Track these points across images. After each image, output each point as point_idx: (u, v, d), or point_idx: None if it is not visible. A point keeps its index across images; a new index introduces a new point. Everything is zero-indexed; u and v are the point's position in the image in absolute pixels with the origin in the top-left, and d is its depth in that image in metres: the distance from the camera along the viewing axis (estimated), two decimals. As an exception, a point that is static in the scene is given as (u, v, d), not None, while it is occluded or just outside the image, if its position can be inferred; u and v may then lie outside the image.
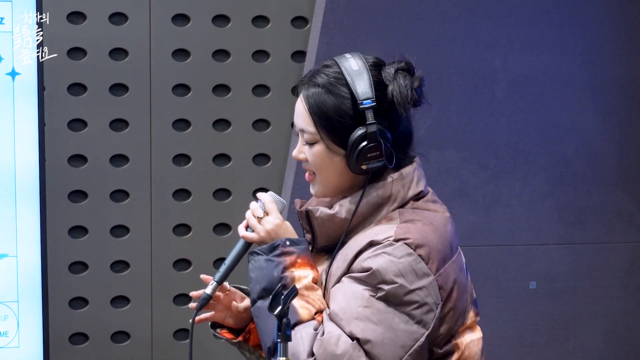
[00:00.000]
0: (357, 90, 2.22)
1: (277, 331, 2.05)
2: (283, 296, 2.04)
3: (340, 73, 2.24)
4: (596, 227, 4.31)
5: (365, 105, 2.21)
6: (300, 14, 4.01)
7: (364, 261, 2.17)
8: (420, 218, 2.24)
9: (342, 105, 2.23)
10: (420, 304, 2.15)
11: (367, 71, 2.23)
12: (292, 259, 2.23)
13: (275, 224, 2.27)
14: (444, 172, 4.10)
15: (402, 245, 2.17)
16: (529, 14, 4.14)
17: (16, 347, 3.35)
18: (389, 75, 2.24)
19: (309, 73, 2.30)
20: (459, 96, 4.09)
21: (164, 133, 3.92)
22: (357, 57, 2.27)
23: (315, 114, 2.24)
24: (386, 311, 2.15)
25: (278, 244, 2.24)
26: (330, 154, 2.24)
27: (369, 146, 2.21)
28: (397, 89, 2.22)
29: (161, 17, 3.89)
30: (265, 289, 2.22)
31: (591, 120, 4.26)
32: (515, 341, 4.26)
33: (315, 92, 2.24)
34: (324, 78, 2.25)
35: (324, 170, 2.26)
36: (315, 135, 2.24)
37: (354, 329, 2.14)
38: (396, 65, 2.26)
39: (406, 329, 2.15)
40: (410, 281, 2.15)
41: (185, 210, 3.96)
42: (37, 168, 3.32)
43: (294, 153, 2.30)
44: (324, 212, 2.25)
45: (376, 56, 2.30)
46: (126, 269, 3.94)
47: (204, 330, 4.09)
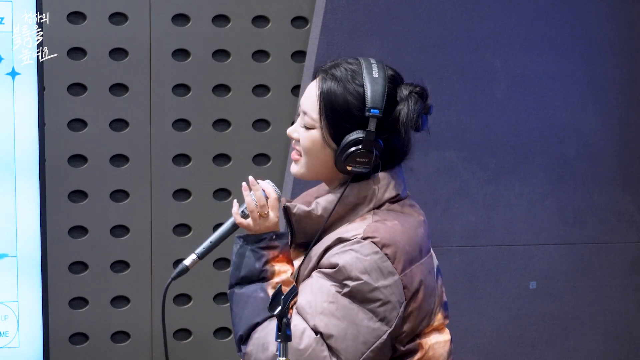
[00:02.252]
0: (369, 95, 2.27)
1: (277, 331, 2.06)
2: (283, 296, 2.05)
3: (359, 73, 2.30)
4: (596, 227, 4.31)
5: (372, 113, 2.27)
6: (300, 14, 4.01)
7: (332, 257, 2.23)
8: (392, 219, 2.30)
9: (350, 104, 2.29)
10: (383, 302, 2.21)
11: (384, 82, 2.30)
12: (274, 253, 2.30)
13: (274, 222, 2.34)
14: (444, 172, 4.10)
15: (369, 244, 2.23)
16: (529, 14, 4.14)
17: (16, 347, 3.35)
18: (403, 95, 2.31)
19: (332, 61, 2.36)
20: (459, 96, 4.09)
21: (164, 133, 3.92)
22: (380, 64, 2.33)
23: (324, 102, 2.30)
24: (350, 307, 2.20)
25: (265, 237, 2.31)
26: (323, 144, 2.30)
27: (361, 151, 2.27)
28: (406, 110, 2.29)
29: (161, 17, 3.89)
30: (244, 277, 2.30)
31: (591, 120, 4.26)
32: (515, 341, 4.26)
33: (331, 82, 2.30)
34: (343, 72, 2.31)
35: (312, 156, 2.32)
36: (316, 122, 2.30)
37: (318, 323, 2.20)
38: (412, 87, 2.34)
39: (369, 325, 2.20)
40: (375, 279, 2.20)
41: (185, 210, 3.96)
42: (37, 168, 3.32)
43: (288, 130, 2.37)
44: (301, 208, 2.31)
45: (397, 71, 2.37)
46: (126, 269, 3.94)
47: (204, 330, 4.10)
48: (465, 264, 4.17)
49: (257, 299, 2.28)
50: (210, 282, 4.00)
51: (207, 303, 3.99)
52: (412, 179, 4.04)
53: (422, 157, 4.07)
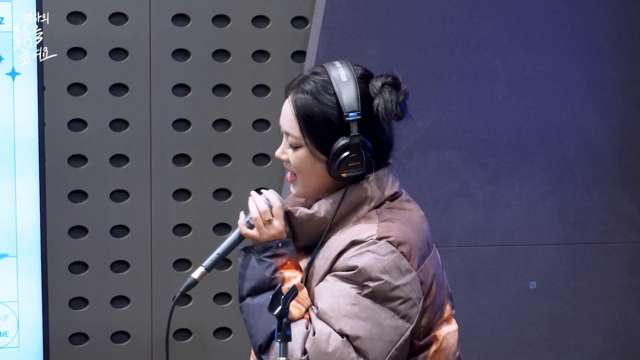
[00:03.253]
0: (344, 101, 2.27)
1: (277, 331, 2.07)
2: (283, 296, 2.05)
3: (329, 82, 2.30)
4: (596, 227, 4.31)
5: (351, 117, 2.27)
6: (300, 14, 4.01)
7: (348, 260, 2.24)
8: (398, 217, 2.31)
9: (328, 115, 2.29)
10: (404, 299, 2.23)
11: (354, 83, 2.29)
12: (282, 261, 2.30)
13: (279, 230, 2.32)
14: (444, 172, 4.10)
15: (385, 243, 2.24)
16: (529, 14, 4.14)
17: (16, 347, 3.35)
18: (376, 89, 2.30)
19: (298, 77, 2.37)
20: (459, 96, 4.10)
21: (164, 133, 3.92)
22: (346, 66, 2.32)
23: (302, 119, 2.30)
24: (373, 307, 2.21)
25: (271, 245, 2.30)
26: (313, 159, 2.31)
27: (351, 156, 2.27)
28: (383, 103, 2.29)
29: (161, 17, 3.89)
30: (255, 287, 2.29)
31: (591, 120, 4.26)
32: (515, 341, 4.26)
33: (304, 98, 2.30)
34: (313, 85, 2.31)
35: (305, 173, 2.33)
36: (300, 140, 2.31)
37: (343, 326, 2.20)
38: (383, 79, 2.33)
39: (392, 324, 2.22)
40: (395, 277, 2.22)
41: (185, 210, 3.96)
42: (37, 168, 3.32)
43: (276, 153, 2.37)
44: (304, 212, 2.32)
45: (365, 67, 2.36)
46: (126, 269, 3.94)
47: (204, 330, 4.10)
48: (465, 264, 4.17)
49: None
50: (210, 282, 3.99)
51: (207, 303, 4.00)
52: (412, 179, 4.06)
53: (422, 157, 4.07)
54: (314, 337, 2.20)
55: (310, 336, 2.21)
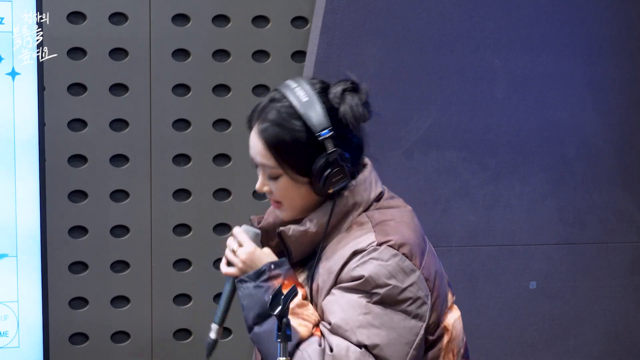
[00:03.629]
0: (313, 122, 2.25)
1: (277, 331, 2.06)
2: (283, 296, 2.05)
3: (290, 106, 2.27)
4: (596, 227, 4.31)
5: (324, 135, 2.25)
6: (300, 14, 4.01)
7: (353, 270, 2.24)
8: (389, 217, 2.31)
9: (300, 139, 2.26)
10: (414, 300, 2.24)
11: (317, 99, 2.27)
12: (279, 282, 2.28)
13: (248, 252, 2.32)
14: (444, 172, 4.10)
15: (386, 248, 2.24)
16: (529, 14, 4.14)
17: (16, 347, 3.34)
18: (337, 98, 2.28)
19: (257, 107, 2.32)
20: (459, 96, 4.09)
21: (164, 133, 3.92)
22: (303, 84, 2.30)
23: (275, 150, 2.28)
24: (385, 313, 2.22)
25: (264, 269, 2.29)
26: (295, 184, 2.30)
27: (333, 172, 2.26)
28: (349, 110, 2.27)
29: (161, 17, 3.89)
30: (259, 315, 2.27)
31: (591, 120, 4.26)
32: (515, 341, 4.26)
33: (270, 129, 2.28)
34: (276, 114, 2.28)
35: (292, 199, 2.32)
36: (278, 170, 2.29)
37: (359, 337, 2.20)
38: (342, 85, 2.31)
39: (406, 325, 2.22)
40: (401, 280, 2.23)
41: (185, 210, 3.96)
42: (37, 168, 3.32)
43: (257, 187, 2.35)
44: (296, 229, 2.30)
45: (320, 79, 2.34)
46: (126, 269, 3.94)
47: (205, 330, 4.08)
48: (465, 264, 4.17)
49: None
50: (210, 282, 4.00)
51: (207, 303, 3.99)
52: (412, 179, 4.06)
53: (422, 157, 4.07)
54: (332, 354, 2.19)
55: (327, 352, 2.20)
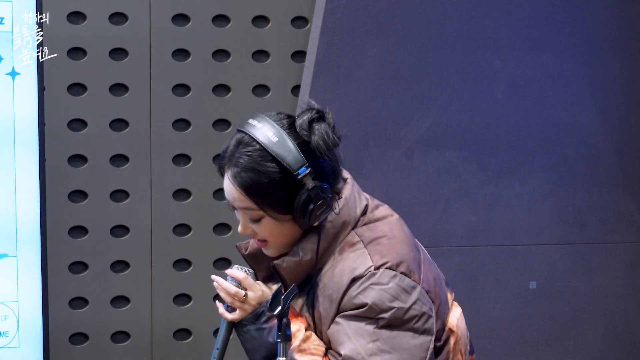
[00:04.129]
0: (289, 163, 2.22)
1: (277, 331, 2.06)
2: (283, 296, 2.05)
3: (261, 149, 2.24)
4: (596, 227, 4.31)
5: (302, 173, 2.22)
6: (300, 14, 4.01)
7: (354, 298, 2.22)
8: (380, 234, 2.28)
9: (276, 179, 2.23)
10: (419, 316, 2.22)
11: (287, 137, 2.23)
12: None
13: (259, 296, 2.30)
14: (444, 172, 4.10)
15: (384, 271, 2.23)
16: (529, 14, 4.14)
17: (16, 347, 3.34)
18: (305, 130, 2.24)
19: (225, 153, 2.30)
20: (459, 96, 4.09)
21: (164, 133, 3.92)
22: (268, 123, 2.26)
23: (253, 195, 2.25)
24: (393, 335, 2.20)
25: (262, 310, 2.28)
26: (278, 222, 2.27)
27: (317, 205, 2.23)
28: (321, 141, 2.23)
29: (161, 17, 3.88)
30: (266, 357, 2.26)
31: (591, 120, 4.26)
32: (515, 341, 4.26)
33: (244, 174, 2.25)
34: (248, 159, 2.25)
35: (277, 237, 2.29)
36: (259, 212, 2.26)
37: None
38: (307, 116, 2.26)
39: (416, 343, 2.21)
40: (404, 300, 2.21)
41: (185, 210, 3.96)
42: (37, 168, 3.32)
43: (240, 230, 2.32)
44: (290, 260, 2.27)
45: (283, 113, 2.30)
46: (126, 269, 3.93)
47: (205, 329, 4.09)
48: (465, 264, 4.17)
49: None
50: (210, 282, 3.98)
51: (207, 303, 3.99)
52: (412, 179, 4.06)
53: (422, 157, 4.07)
54: None
55: None
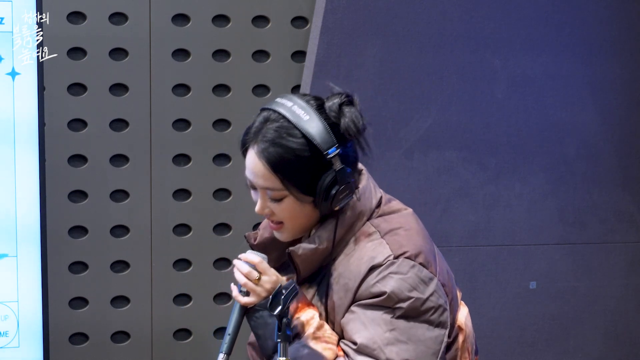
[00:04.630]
0: (319, 141, 2.19)
1: (277, 331, 2.06)
2: (283, 296, 2.05)
3: (292, 126, 2.21)
4: (596, 227, 4.31)
5: (332, 153, 2.19)
6: (300, 14, 4.01)
7: (373, 287, 2.20)
8: (397, 225, 2.27)
9: (306, 158, 2.20)
10: (435, 309, 2.21)
11: (318, 117, 2.21)
12: (293, 307, 2.23)
13: (273, 281, 2.25)
14: (444, 172, 4.10)
15: (404, 260, 2.21)
16: (529, 14, 4.14)
17: (16, 347, 3.34)
18: (335, 111, 2.22)
19: (249, 130, 2.26)
20: (459, 96, 4.09)
21: (164, 133, 3.92)
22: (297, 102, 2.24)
23: (279, 171, 2.21)
24: (410, 326, 2.19)
25: None
26: (300, 204, 2.24)
27: (341, 189, 2.20)
28: (352, 124, 2.22)
29: (161, 17, 3.88)
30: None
31: (591, 120, 4.26)
32: (515, 341, 4.26)
33: (272, 149, 2.21)
34: (276, 134, 2.22)
35: (294, 219, 2.26)
36: (283, 192, 2.22)
37: (389, 355, 2.17)
38: (337, 99, 2.24)
39: (431, 335, 2.20)
40: (422, 291, 2.20)
41: (185, 210, 3.96)
42: (37, 168, 3.32)
43: (257, 209, 2.27)
44: (307, 248, 2.25)
45: (310, 95, 2.27)
46: (126, 269, 3.93)
47: (204, 330, 4.09)
48: (465, 264, 4.17)
49: (303, 357, 2.20)
50: (210, 282, 4.00)
51: (207, 303, 3.99)
52: (412, 179, 4.06)
53: (422, 157, 4.06)
54: None
55: None
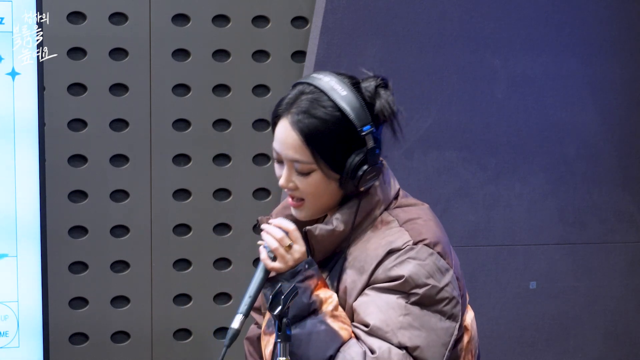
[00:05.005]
0: (354, 117, 2.18)
1: (277, 331, 2.05)
2: (283, 296, 2.05)
3: (329, 99, 2.19)
4: (596, 227, 4.31)
5: (366, 130, 2.19)
6: (300, 14, 4.01)
7: (390, 270, 2.18)
8: (415, 216, 2.27)
9: (340, 133, 2.19)
10: (449, 300, 2.20)
11: (355, 94, 2.20)
12: (314, 282, 2.20)
13: (302, 252, 2.22)
14: (444, 172, 4.10)
15: (423, 247, 2.20)
16: (529, 14, 4.14)
17: (16, 347, 3.34)
18: (371, 92, 2.22)
19: (288, 100, 2.23)
20: (459, 96, 4.10)
21: (164, 133, 3.92)
22: (334, 77, 2.22)
23: (311, 143, 2.19)
24: (423, 314, 2.18)
25: (300, 269, 2.20)
26: (327, 180, 2.22)
27: (369, 169, 2.20)
28: (387, 106, 2.22)
29: (161, 17, 3.89)
30: (295, 316, 2.18)
31: (591, 120, 4.26)
32: (515, 341, 4.26)
33: (307, 120, 2.19)
34: (312, 106, 2.20)
35: (318, 196, 2.24)
36: (312, 165, 2.20)
37: (401, 338, 2.16)
38: (373, 82, 2.24)
39: (442, 326, 2.19)
40: (439, 280, 2.19)
41: (185, 210, 3.96)
42: (37, 168, 3.32)
43: (281, 182, 2.24)
44: (324, 229, 2.23)
45: (348, 74, 2.26)
46: (126, 269, 3.93)
47: (204, 330, 4.09)
48: (465, 264, 4.16)
49: (319, 333, 2.17)
50: (210, 282, 4.00)
51: (207, 303, 3.99)
52: (412, 179, 4.06)
53: (422, 157, 4.07)
54: (374, 356, 2.14)
55: (369, 355, 2.15)
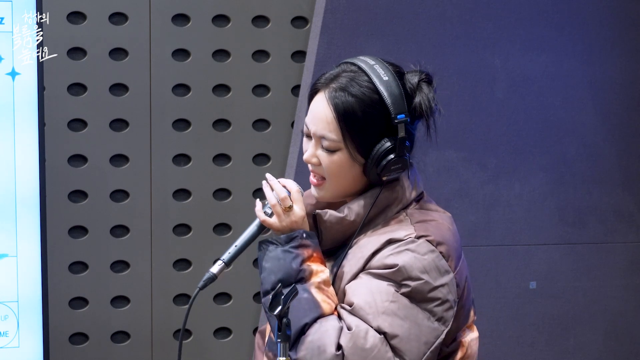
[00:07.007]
0: (390, 102, 2.18)
1: (277, 331, 2.05)
2: (283, 296, 2.04)
3: (369, 81, 2.19)
4: (596, 227, 4.31)
5: (400, 119, 2.18)
6: (300, 14, 4.01)
7: (386, 258, 2.16)
8: (430, 218, 2.24)
9: (374, 115, 2.18)
10: (442, 301, 2.16)
11: (396, 82, 2.20)
12: (309, 252, 2.18)
13: (300, 216, 2.21)
14: (444, 172, 4.10)
15: (424, 242, 2.17)
16: (529, 14, 4.14)
17: (16, 347, 3.34)
18: (413, 87, 2.22)
19: (329, 75, 2.22)
20: (459, 96, 4.10)
21: (164, 133, 3.92)
22: (380, 63, 2.21)
23: (344, 121, 2.17)
24: (411, 307, 2.14)
25: (296, 235, 2.18)
26: (352, 162, 2.20)
27: (395, 159, 2.18)
28: (426, 101, 2.23)
29: (161, 17, 3.89)
30: (281, 280, 2.16)
31: (591, 120, 4.26)
32: (515, 341, 4.26)
33: (344, 97, 2.18)
34: (352, 84, 2.19)
35: (340, 177, 2.22)
36: (339, 143, 2.19)
37: (381, 323, 2.12)
38: (417, 75, 2.24)
39: (429, 325, 2.15)
40: (434, 278, 2.16)
41: (185, 210, 3.96)
42: (37, 168, 3.32)
43: (305, 157, 2.23)
44: (333, 215, 2.21)
45: (394, 62, 2.26)
46: (126, 269, 3.94)
47: (204, 330, 4.09)
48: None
49: (300, 300, 2.13)
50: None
51: (207, 303, 3.99)
52: (412, 179, 4.06)
53: (422, 157, 4.06)
54: (350, 332, 2.10)
55: (345, 330, 2.11)
